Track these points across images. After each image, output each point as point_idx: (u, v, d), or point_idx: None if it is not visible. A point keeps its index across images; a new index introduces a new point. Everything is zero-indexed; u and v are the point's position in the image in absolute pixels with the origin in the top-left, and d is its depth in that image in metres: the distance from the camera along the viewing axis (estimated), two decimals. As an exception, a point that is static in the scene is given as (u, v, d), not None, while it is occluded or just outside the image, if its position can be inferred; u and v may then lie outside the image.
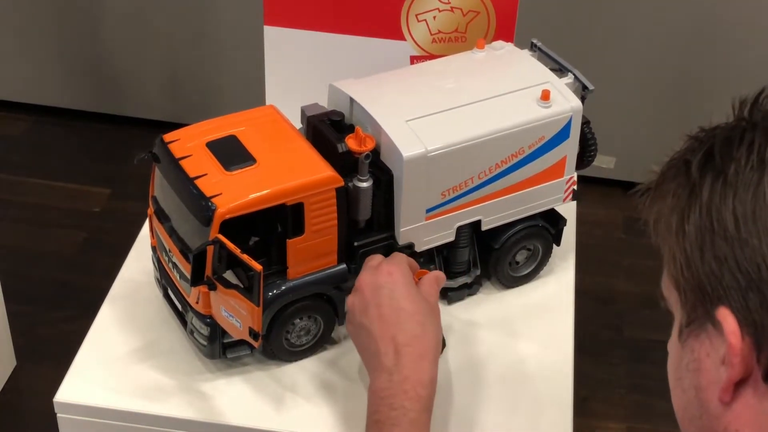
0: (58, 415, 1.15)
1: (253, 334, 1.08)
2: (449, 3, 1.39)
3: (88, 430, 1.15)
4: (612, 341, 2.41)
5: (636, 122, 2.70)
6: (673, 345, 0.79)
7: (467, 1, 1.39)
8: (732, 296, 0.70)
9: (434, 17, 1.40)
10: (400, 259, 1.12)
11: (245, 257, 1.03)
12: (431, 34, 1.42)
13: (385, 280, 1.08)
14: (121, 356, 1.18)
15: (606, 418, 2.24)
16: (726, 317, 0.70)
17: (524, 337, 1.24)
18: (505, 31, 1.40)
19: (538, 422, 1.15)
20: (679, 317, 0.77)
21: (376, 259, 1.13)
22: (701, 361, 0.74)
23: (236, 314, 1.08)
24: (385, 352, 1.03)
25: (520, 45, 1.34)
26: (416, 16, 1.41)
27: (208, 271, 1.05)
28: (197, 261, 1.04)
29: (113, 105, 2.94)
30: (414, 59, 1.43)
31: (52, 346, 2.25)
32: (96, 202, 2.69)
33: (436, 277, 1.14)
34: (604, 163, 2.75)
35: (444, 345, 1.20)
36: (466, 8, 1.39)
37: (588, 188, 2.46)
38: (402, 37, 1.42)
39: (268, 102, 1.50)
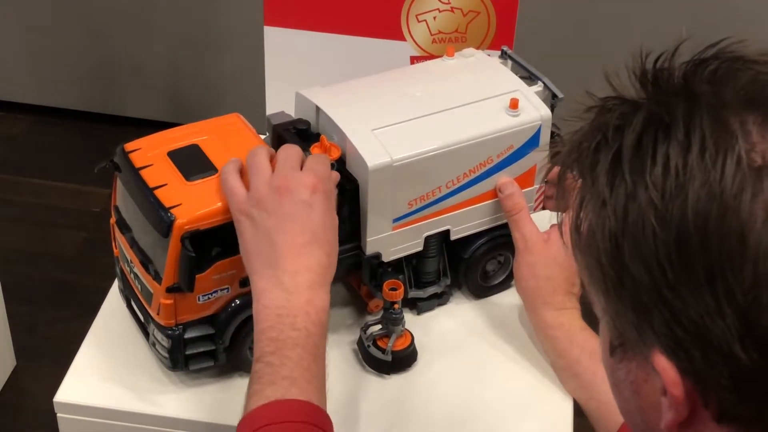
0: (58, 415, 1.15)
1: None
2: (449, 3, 1.39)
3: (88, 430, 1.15)
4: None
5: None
6: (603, 353, 0.70)
7: (467, 1, 1.38)
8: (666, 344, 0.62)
9: (434, 17, 1.40)
10: (325, 172, 1.04)
11: None
12: (431, 35, 1.41)
13: (308, 197, 1.00)
14: (121, 356, 1.18)
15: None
16: (664, 368, 0.62)
17: (508, 344, 1.22)
18: (505, 31, 1.39)
19: (538, 425, 1.14)
20: (606, 329, 0.69)
21: (296, 158, 1.04)
22: (639, 385, 0.67)
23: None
24: (284, 269, 0.98)
25: (520, 45, 1.33)
26: (416, 16, 1.40)
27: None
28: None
29: (113, 105, 2.95)
30: (414, 59, 1.43)
31: (52, 346, 2.25)
32: (96, 202, 2.69)
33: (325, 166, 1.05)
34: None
35: (415, 358, 1.18)
36: (466, 8, 1.39)
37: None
38: (402, 38, 1.41)
39: (268, 102, 1.49)
